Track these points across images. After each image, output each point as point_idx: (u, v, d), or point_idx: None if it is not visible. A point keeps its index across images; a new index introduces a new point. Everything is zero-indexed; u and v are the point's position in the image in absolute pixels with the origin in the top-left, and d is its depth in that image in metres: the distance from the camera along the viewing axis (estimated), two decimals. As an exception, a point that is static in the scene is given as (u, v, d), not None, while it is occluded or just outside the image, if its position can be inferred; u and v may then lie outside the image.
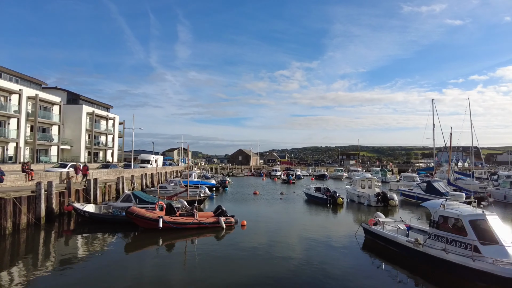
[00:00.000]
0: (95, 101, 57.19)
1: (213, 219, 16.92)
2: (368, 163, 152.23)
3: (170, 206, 16.92)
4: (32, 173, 22.03)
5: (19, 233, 15.23)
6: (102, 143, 55.97)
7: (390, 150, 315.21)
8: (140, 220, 15.84)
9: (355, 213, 24.01)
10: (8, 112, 35.95)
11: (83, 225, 17.66)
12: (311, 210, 24.83)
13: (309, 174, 69.31)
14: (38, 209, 16.83)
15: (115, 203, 19.72)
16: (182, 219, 16.26)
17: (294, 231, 17.38)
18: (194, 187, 31.33)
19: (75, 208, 17.72)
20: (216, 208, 18.06)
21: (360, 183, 29.48)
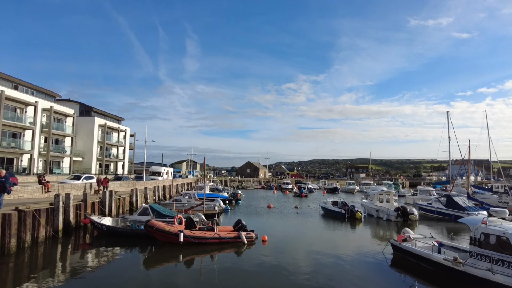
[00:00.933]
0: (106, 113, 57.60)
1: (234, 234, 16.41)
2: (378, 176, 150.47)
3: (190, 220, 16.49)
4: (48, 184, 21.92)
5: (37, 246, 14.89)
6: (113, 155, 56.06)
7: (399, 163, 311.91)
8: (160, 234, 15.41)
9: (375, 228, 23.31)
10: (24, 123, 36.23)
11: (100, 239, 17.26)
12: (330, 225, 24.14)
13: (320, 188, 68.38)
14: (56, 222, 16.53)
15: (132, 216, 19.36)
16: (203, 234, 15.79)
17: (317, 247, 16.74)
18: (209, 200, 30.94)
19: (93, 221, 17.38)
20: (236, 222, 17.57)
21: (378, 197, 28.84)
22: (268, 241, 17.13)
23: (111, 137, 55.72)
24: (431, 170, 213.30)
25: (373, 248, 16.61)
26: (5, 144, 33.79)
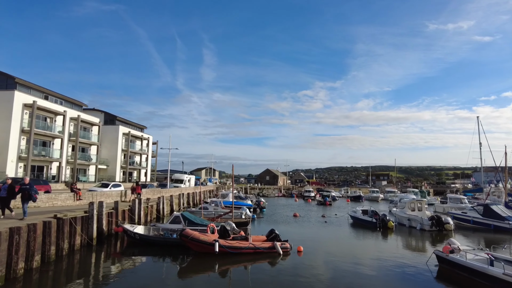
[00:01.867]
0: (130, 121, 58.60)
1: (268, 244, 15.96)
2: (400, 184, 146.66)
3: (224, 229, 16.16)
4: (80, 192, 22.17)
5: (73, 253, 14.87)
6: (136, 163, 56.83)
7: (419, 170, 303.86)
8: (195, 244, 15.13)
9: (409, 237, 22.37)
10: (53, 132, 37.17)
11: (132, 247, 17.14)
12: (362, 235, 23.33)
13: (342, 195, 66.97)
14: (90, 230, 16.56)
15: (164, 224, 19.23)
16: (238, 243, 15.42)
17: (354, 258, 16.07)
18: (235, 208, 30.61)
19: (125, 229, 17.30)
20: (269, 232, 17.11)
21: (410, 206, 27.81)
22: (303, 251, 16.60)
23: (135, 145, 56.57)
24: (453, 178, 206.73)
25: (414, 259, 15.83)
26: (36, 153, 34.68)
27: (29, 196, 13.82)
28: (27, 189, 13.73)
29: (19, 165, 33.34)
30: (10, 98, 32.37)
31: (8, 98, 32.40)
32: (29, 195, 13.82)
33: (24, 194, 13.73)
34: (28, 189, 13.73)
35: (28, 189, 13.74)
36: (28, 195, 13.76)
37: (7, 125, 32.06)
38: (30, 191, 13.78)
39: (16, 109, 32.62)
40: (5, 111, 32.11)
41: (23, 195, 13.74)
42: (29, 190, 13.75)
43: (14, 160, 32.56)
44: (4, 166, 31.57)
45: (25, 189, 13.72)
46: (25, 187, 13.77)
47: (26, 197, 13.71)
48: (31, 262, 11.88)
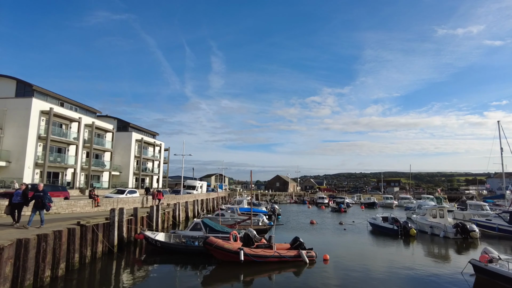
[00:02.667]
0: (142, 128, 58.81)
1: (294, 253, 15.48)
2: (412, 190, 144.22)
3: (248, 237, 15.72)
4: (98, 199, 22.01)
5: (95, 261, 14.61)
6: (148, 169, 56.86)
7: (429, 176, 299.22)
8: (219, 252, 14.73)
9: (433, 245, 21.63)
10: (69, 139, 37.35)
11: (154, 255, 16.80)
12: (384, 242, 22.66)
13: (355, 202, 65.94)
14: (111, 237, 16.30)
15: (184, 231, 18.88)
16: (263, 252, 14.97)
17: (383, 266, 15.49)
18: (253, 215, 30.18)
19: (147, 236, 17.00)
20: (294, 239, 16.61)
21: (431, 213, 27.06)
22: (329, 260, 16.06)
23: (147, 151, 56.67)
24: (466, 184, 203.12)
25: (446, 268, 15.24)
26: (52, 159, 34.82)
27: (43, 204, 12.75)
28: (41, 197, 12.74)
29: (36, 172, 33.47)
30: (28, 105, 32.65)
31: (26, 105, 32.69)
32: (43, 204, 12.76)
33: (37, 202, 12.74)
34: (42, 197, 12.73)
35: (42, 196, 12.75)
36: (41, 203, 12.74)
37: (25, 132, 32.29)
38: (44, 199, 12.74)
39: (34, 116, 32.87)
40: (23, 118, 32.37)
41: (36, 203, 12.75)
42: (42, 198, 12.74)
43: (31, 166, 32.71)
44: (21, 173, 31.70)
45: (38, 196, 12.75)
46: (39, 194, 12.81)
47: (40, 205, 12.69)
48: (56, 270, 11.62)
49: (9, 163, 31.98)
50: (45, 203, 12.79)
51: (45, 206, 12.87)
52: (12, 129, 32.42)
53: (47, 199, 12.85)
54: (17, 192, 12.86)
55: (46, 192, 13.03)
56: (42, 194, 12.74)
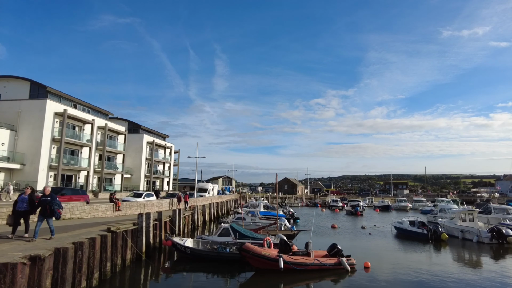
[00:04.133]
0: (153, 130, 58.21)
1: (334, 260, 14.58)
2: (420, 192, 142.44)
3: (285, 243, 14.85)
4: (119, 203, 21.26)
5: (125, 270, 13.78)
6: (159, 172, 56.16)
7: (434, 178, 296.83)
8: (257, 259, 13.85)
9: (469, 251, 20.76)
10: (82, 141, 36.72)
11: (183, 262, 15.96)
12: (415, 247, 21.76)
13: (367, 205, 64.68)
14: (139, 243, 15.48)
15: (212, 237, 18.02)
16: (302, 259, 14.09)
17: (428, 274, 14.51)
18: (273, 219, 29.27)
19: (175, 243, 16.14)
20: (331, 246, 15.71)
21: (460, 216, 26.05)
22: (370, 267, 15.14)
23: (158, 154, 55.99)
24: (472, 186, 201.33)
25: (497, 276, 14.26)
26: (65, 162, 34.18)
27: (51, 212, 10.60)
28: (48, 203, 10.56)
29: (49, 174, 32.84)
30: (42, 107, 32.08)
31: (41, 107, 32.12)
32: (51, 211, 10.59)
33: (44, 209, 10.58)
34: (49, 203, 10.56)
35: (49, 202, 10.57)
36: (50, 210, 10.57)
37: (39, 134, 31.69)
38: (52, 205, 10.57)
39: (48, 117, 32.28)
40: (38, 120, 31.79)
41: (43, 210, 10.62)
42: (50, 204, 10.56)
43: (45, 169, 32.08)
44: (35, 175, 31.08)
45: (45, 202, 10.59)
46: (46, 199, 10.63)
47: (47, 212, 10.57)
48: (91, 280, 10.84)
49: (23, 166, 31.37)
50: (54, 210, 10.62)
51: (54, 214, 10.69)
52: (27, 131, 31.84)
53: (56, 205, 10.70)
54: (22, 197, 10.77)
55: (54, 197, 10.91)
56: (49, 199, 10.61)
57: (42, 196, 10.79)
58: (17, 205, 10.64)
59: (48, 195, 10.75)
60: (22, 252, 8.36)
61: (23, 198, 10.70)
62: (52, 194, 10.86)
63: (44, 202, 10.56)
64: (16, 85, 34.47)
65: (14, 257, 7.61)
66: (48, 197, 10.67)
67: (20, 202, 10.65)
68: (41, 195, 10.91)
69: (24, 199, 10.68)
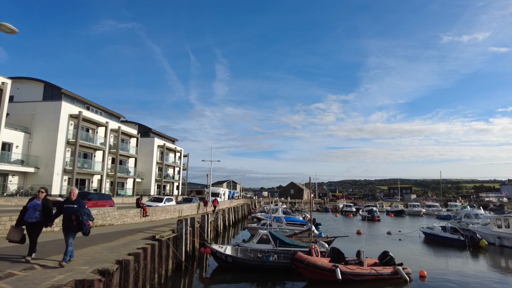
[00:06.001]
0: (163, 134, 57.27)
1: (390, 269, 13.61)
2: (424, 197, 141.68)
3: (337, 252, 13.90)
4: (146, 208, 20.30)
5: (167, 280, 12.79)
6: (169, 176, 55.12)
7: (435, 183, 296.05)
8: (311, 270, 12.88)
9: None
10: (96, 144, 35.76)
11: (224, 272, 14.95)
12: (454, 254, 21.00)
13: (378, 210, 63.65)
14: (179, 252, 14.51)
15: (252, 244, 17.03)
16: (359, 269, 13.13)
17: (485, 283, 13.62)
18: (298, 225, 28.37)
19: (215, 251, 15.15)
20: (383, 254, 14.75)
21: (495, 223, 25.13)
22: (427, 276, 14.19)
23: (168, 157, 54.99)
24: (474, 191, 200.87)
25: None
26: (79, 165, 33.17)
27: (79, 224, 7.45)
28: (75, 211, 7.51)
29: (64, 178, 31.82)
30: (57, 108, 31.15)
31: (56, 108, 31.18)
32: (79, 223, 7.44)
33: (68, 220, 7.51)
34: (76, 211, 7.51)
35: (76, 211, 7.52)
36: (76, 222, 7.43)
37: (54, 137, 30.72)
38: (79, 214, 7.48)
39: (63, 120, 31.35)
40: (53, 122, 30.84)
41: (66, 221, 7.57)
42: (78, 213, 7.48)
43: (60, 173, 31.08)
44: (50, 179, 30.06)
45: (71, 210, 7.56)
46: (71, 206, 7.64)
47: (73, 225, 7.44)
48: (143, 294, 9.86)
49: (37, 169, 30.35)
50: (82, 222, 7.44)
51: (82, 227, 7.48)
52: (41, 134, 30.86)
53: (85, 215, 7.58)
54: (34, 203, 7.78)
55: (82, 203, 7.84)
56: (76, 207, 7.60)
57: (65, 202, 7.84)
58: (26, 213, 7.64)
59: (75, 200, 7.79)
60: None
61: (36, 204, 7.73)
62: (79, 200, 7.90)
63: (70, 210, 7.53)
64: (29, 87, 33.55)
65: (85, 272, 6.66)
66: (74, 203, 7.70)
67: (31, 210, 7.65)
68: (64, 200, 7.98)
69: (37, 205, 7.70)
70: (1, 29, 10.04)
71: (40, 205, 7.75)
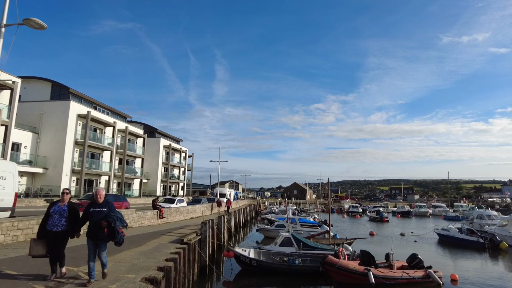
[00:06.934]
0: (168, 134, 56.83)
1: (421, 273, 13.27)
2: (426, 197, 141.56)
3: (367, 255, 13.53)
4: (163, 210, 19.89)
5: (193, 285, 12.39)
6: (175, 177, 54.68)
7: (434, 183, 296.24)
8: (343, 274, 12.51)
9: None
10: (103, 144, 35.31)
11: (248, 276, 14.56)
12: (474, 255, 20.74)
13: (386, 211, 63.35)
14: (203, 255, 14.11)
15: (272, 247, 16.63)
16: (391, 273, 12.77)
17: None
18: (312, 227, 28.02)
19: (238, 254, 14.74)
20: (411, 257, 14.40)
21: (513, 224, 24.83)
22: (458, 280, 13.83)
23: (173, 158, 54.54)
24: (474, 191, 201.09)
25: None
26: (87, 166, 32.73)
27: (111, 232, 5.95)
28: (105, 216, 6.02)
29: (72, 179, 31.37)
30: (66, 108, 30.71)
31: (64, 108, 30.75)
32: (112, 230, 5.95)
33: (97, 227, 5.96)
34: (106, 216, 6.02)
35: (106, 215, 6.04)
36: (108, 230, 5.92)
37: (62, 137, 30.29)
38: (112, 220, 5.99)
39: (71, 120, 30.92)
40: (61, 122, 30.41)
41: (94, 228, 6.00)
42: (110, 219, 5.98)
43: (68, 173, 30.63)
44: (58, 180, 29.60)
45: (99, 215, 6.06)
46: (100, 210, 6.13)
47: (104, 234, 5.91)
48: (178, 301, 9.46)
49: (45, 170, 29.88)
50: (116, 230, 5.98)
51: (116, 236, 5.98)
52: (49, 134, 30.41)
53: (118, 220, 6.09)
54: (59, 208, 6.26)
55: (113, 206, 6.37)
56: (106, 211, 6.13)
57: (91, 205, 6.22)
58: (50, 220, 6.12)
59: (103, 203, 6.24)
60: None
61: (61, 209, 6.21)
62: (109, 203, 6.33)
63: (98, 215, 6.03)
64: (37, 86, 33.07)
65: (135, 281, 6.27)
66: (103, 206, 6.17)
67: (55, 217, 6.13)
68: (90, 203, 6.30)
69: (63, 211, 6.19)
70: (29, 25, 9.66)
71: (66, 210, 6.21)
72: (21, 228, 9.47)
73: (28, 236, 9.71)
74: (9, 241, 9.05)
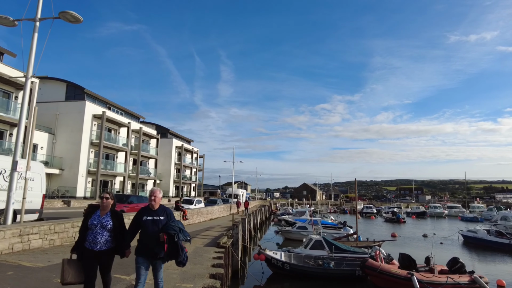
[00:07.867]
0: (180, 135, 56.58)
1: (467, 278, 12.57)
2: (436, 198, 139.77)
3: (409, 259, 12.89)
4: (186, 211, 19.44)
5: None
6: (187, 177, 54.36)
7: (442, 184, 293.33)
8: (384, 278, 11.91)
9: None
10: (118, 145, 35.04)
11: (280, 279, 14.03)
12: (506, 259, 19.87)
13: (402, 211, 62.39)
14: (235, 258, 13.59)
15: (303, 250, 16.08)
16: (435, 277, 12.12)
17: None
18: (334, 228, 27.43)
19: (270, 257, 14.22)
20: (453, 261, 13.69)
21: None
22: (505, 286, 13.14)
23: (185, 158, 54.23)
24: (483, 192, 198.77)
25: None
26: (102, 166, 32.45)
27: (174, 249, 4.24)
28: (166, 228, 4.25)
29: (88, 180, 31.11)
30: (81, 109, 30.50)
31: (80, 109, 30.54)
32: (174, 246, 4.24)
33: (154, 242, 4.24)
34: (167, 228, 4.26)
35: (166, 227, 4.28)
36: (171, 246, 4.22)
37: (78, 137, 30.06)
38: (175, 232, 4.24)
39: (87, 120, 30.71)
40: (77, 122, 30.19)
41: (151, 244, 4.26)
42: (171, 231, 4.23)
43: (84, 174, 30.38)
44: (75, 181, 29.37)
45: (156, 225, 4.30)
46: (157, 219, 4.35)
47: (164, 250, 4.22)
48: (222, 308, 8.92)
49: (62, 171, 29.67)
50: (179, 245, 4.29)
51: (180, 253, 4.29)
52: (65, 135, 30.20)
53: (181, 233, 4.34)
54: (99, 219, 4.38)
55: (172, 214, 4.57)
56: (164, 219, 4.41)
57: (144, 212, 4.47)
58: (90, 236, 4.30)
59: (159, 209, 4.49)
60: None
61: (103, 220, 4.38)
62: (167, 210, 4.58)
63: (154, 225, 4.34)
64: (52, 87, 32.90)
65: None
66: (160, 214, 4.46)
67: (96, 230, 4.30)
68: (142, 210, 4.53)
69: (106, 222, 4.37)
70: (65, 18, 9.25)
71: (110, 221, 4.38)
72: (57, 231, 9.03)
73: (63, 240, 9.28)
74: (47, 245, 8.62)
